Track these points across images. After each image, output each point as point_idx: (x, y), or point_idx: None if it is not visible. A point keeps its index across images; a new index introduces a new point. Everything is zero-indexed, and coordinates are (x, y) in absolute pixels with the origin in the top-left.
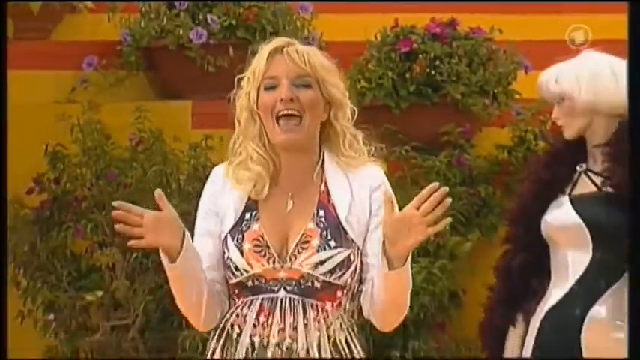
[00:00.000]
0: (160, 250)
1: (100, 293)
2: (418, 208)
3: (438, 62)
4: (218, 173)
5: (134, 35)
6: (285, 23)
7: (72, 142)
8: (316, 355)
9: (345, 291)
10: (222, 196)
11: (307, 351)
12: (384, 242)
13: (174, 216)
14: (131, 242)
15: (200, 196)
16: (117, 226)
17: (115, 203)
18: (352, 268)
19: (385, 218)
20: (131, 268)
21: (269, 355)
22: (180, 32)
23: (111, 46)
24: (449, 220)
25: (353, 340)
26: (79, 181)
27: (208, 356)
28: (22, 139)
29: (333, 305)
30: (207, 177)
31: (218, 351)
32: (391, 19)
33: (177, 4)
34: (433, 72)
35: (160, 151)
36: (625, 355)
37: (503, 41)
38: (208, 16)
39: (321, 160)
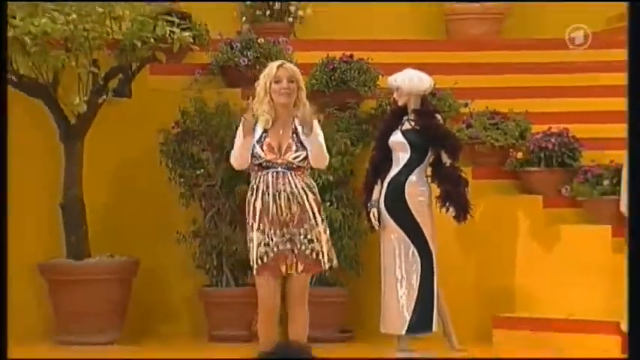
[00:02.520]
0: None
1: (202, 170)
2: None
3: (345, 72)
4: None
5: (217, 60)
6: (281, 55)
7: (190, 107)
8: (303, 196)
9: (304, 169)
10: (255, 127)
11: (299, 192)
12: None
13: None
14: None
15: (237, 127)
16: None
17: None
18: (307, 160)
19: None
20: (215, 161)
21: (284, 198)
22: (236, 59)
23: (207, 65)
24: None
25: (312, 186)
26: (193, 123)
27: (251, 202)
28: (169, 106)
29: (300, 175)
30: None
31: (259, 199)
32: (325, 54)
33: (234, 45)
34: (343, 76)
35: (227, 110)
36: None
37: (374, 63)
38: (249, 53)
39: (293, 115)
